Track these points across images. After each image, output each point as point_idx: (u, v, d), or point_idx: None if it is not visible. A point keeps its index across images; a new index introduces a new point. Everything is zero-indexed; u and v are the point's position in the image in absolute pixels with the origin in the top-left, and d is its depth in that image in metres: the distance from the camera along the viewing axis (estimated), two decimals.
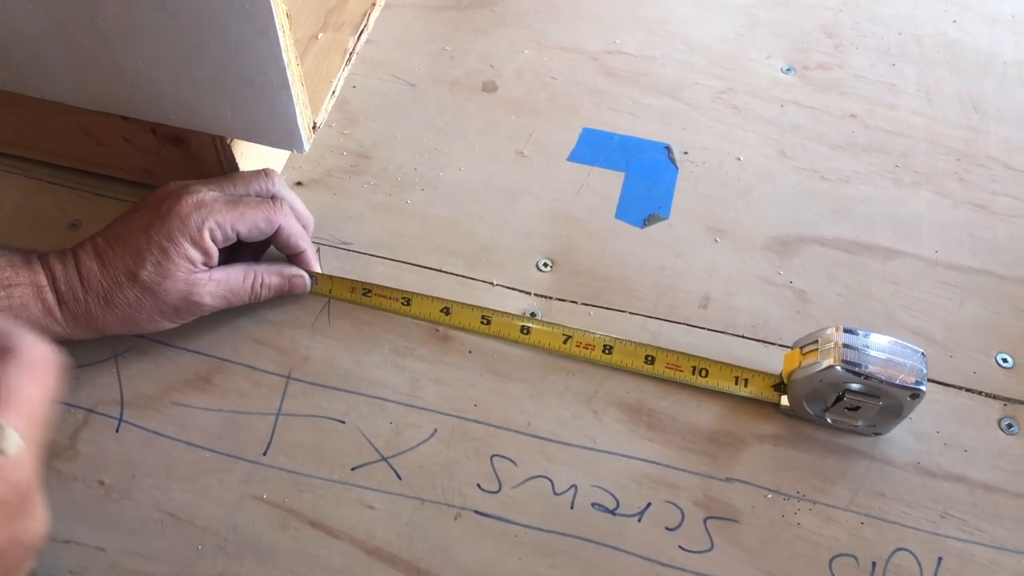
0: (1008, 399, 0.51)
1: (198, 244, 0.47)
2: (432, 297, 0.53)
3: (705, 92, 0.66)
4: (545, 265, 0.56)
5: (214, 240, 0.48)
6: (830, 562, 0.46)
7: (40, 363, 0.31)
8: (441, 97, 0.64)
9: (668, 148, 0.62)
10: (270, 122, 0.49)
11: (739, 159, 0.62)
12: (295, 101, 0.48)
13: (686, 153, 0.62)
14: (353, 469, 0.47)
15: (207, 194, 0.48)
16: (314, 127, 0.51)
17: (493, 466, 0.48)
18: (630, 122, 0.64)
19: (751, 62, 0.68)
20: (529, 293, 0.55)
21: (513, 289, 0.55)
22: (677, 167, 0.61)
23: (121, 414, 0.49)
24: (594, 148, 0.62)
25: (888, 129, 0.64)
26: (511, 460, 0.48)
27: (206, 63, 0.46)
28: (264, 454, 0.48)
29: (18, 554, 0.31)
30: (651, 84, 0.66)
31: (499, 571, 0.45)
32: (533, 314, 0.54)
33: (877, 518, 0.47)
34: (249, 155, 0.55)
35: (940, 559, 0.46)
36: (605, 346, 0.51)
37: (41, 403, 0.31)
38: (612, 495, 0.47)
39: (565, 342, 0.52)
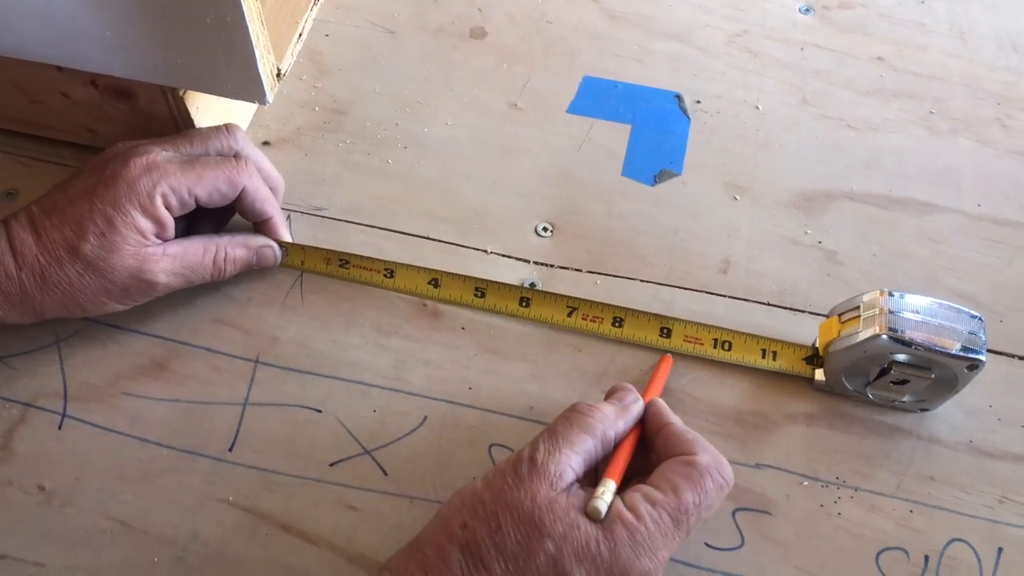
0: None
1: (149, 212, 0.42)
2: (418, 268, 0.47)
3: (717, 35, 0.59)
4: (545, 230, 0.50)
5: (168, 207, 0.42)
6: (877, 556, 0.40)
7: (710, 471, 0.36)
8: (424, 45, 0.58)
9: (679, 97, 0.56)
10: (226, 69, 0.43)
11: (757, 108, 0.56)
12: (254, 43, 0.41)
13: (699, 102, 0.56)
14: (332, 465, 0.42)
15: (159, 155, 0.43)
16: (278, 75, 0.45)
17: (491, 457, 0.42)
18: (636, 69, 0.57)
19: (766, 2, 0.62)
20: (528, 261, 0.49)
21: (509, 257, 0.49)
22: (689, 118, 0.55)
23: (64, 408, 0.43)
24: (596, 98, 0.56)
25: (920, 72, 0.58)
26: (511, 450, 0.42)
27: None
28: (229, 450, 0.42)
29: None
30: (658, 27, 0.60)
31: None
32: (533, 284, 0.48)
33: (928, 505, 0.42)
34: (207, 110, 0.49)
35: (1000, 550, 0.41)
36: (615, 318, 0.46)
37: (697, 509, 0.35)
38: None
39: (570, 315, 0.46)
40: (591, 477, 0.38)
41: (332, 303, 0.47)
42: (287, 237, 0.47)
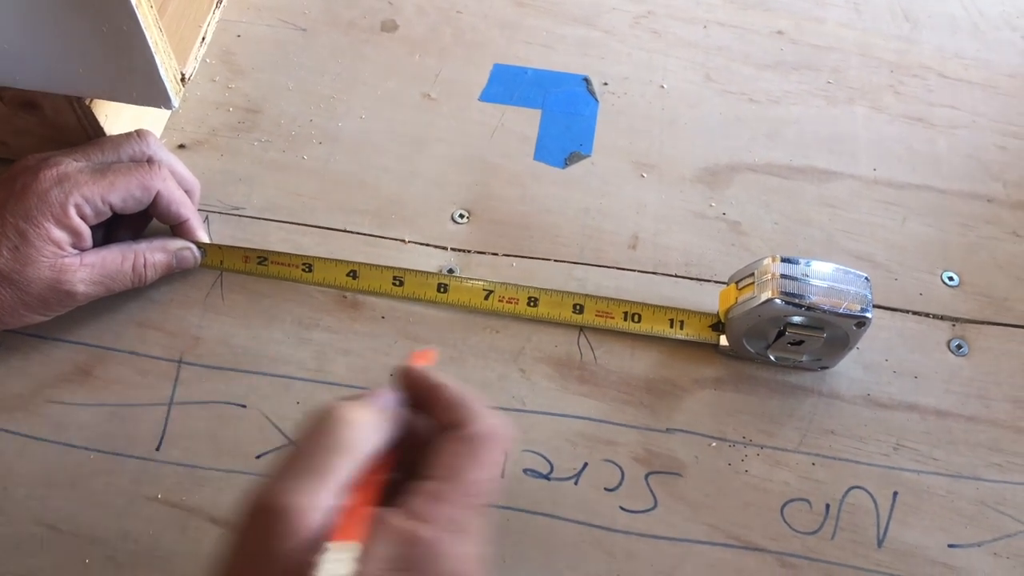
0: (956, 319, 0.49)
1: (63, 223, 0.42)
2: (336, 260, 0.48)
3: (623, 18, 0.61)
4: (461, 216, 0.51)
5: (83, 217, 0.43)
6: (782, 509, 0.43)
7: (489, 441, 0.30)
8: (336, 40, 0.59)
9: (587, 80, 0.58)
10: (129, 76, 0.43)
11: (662, 87, 0.58)
12: (153, 50, 0.42)
13: (606, 84, 0.57)
14: (258, 457, 0.43)
15: (70, 165, 0.43)
16: (183, 79, 0.45)
17: None
18: (545, 55, 0.59)
19: None
20: (445, 248, 0.50)
21: (427, 245, 0.50)
22: (597, 100, 0.57)
23: None
24: (507, 85, 0.57)
25: (817, 44, 0.60)
26: None
27: (42, 9, 0.40)
28: (157, 449, 0.43)
29: None
30: (565, 12, 0.61)
31: None
32: (450, 270, 0.49)
33: (828, 457, 0.44)
34: (117, 118, 0.49)
35: (896, 494, 0.43)
36: (530, 298, 0.47)
37: (486, 485, 0.30)
38: (545, 458, 0.43)
39: (486, 298, 0.48)
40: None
41: (253, 300, 0.48)
42: (205, 238, 0.48)
